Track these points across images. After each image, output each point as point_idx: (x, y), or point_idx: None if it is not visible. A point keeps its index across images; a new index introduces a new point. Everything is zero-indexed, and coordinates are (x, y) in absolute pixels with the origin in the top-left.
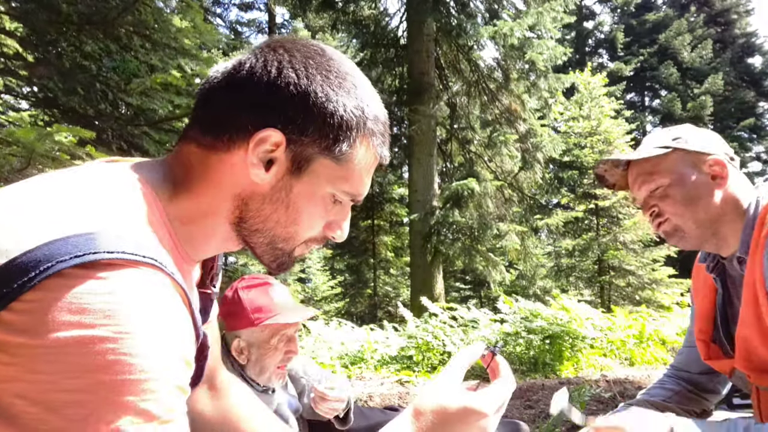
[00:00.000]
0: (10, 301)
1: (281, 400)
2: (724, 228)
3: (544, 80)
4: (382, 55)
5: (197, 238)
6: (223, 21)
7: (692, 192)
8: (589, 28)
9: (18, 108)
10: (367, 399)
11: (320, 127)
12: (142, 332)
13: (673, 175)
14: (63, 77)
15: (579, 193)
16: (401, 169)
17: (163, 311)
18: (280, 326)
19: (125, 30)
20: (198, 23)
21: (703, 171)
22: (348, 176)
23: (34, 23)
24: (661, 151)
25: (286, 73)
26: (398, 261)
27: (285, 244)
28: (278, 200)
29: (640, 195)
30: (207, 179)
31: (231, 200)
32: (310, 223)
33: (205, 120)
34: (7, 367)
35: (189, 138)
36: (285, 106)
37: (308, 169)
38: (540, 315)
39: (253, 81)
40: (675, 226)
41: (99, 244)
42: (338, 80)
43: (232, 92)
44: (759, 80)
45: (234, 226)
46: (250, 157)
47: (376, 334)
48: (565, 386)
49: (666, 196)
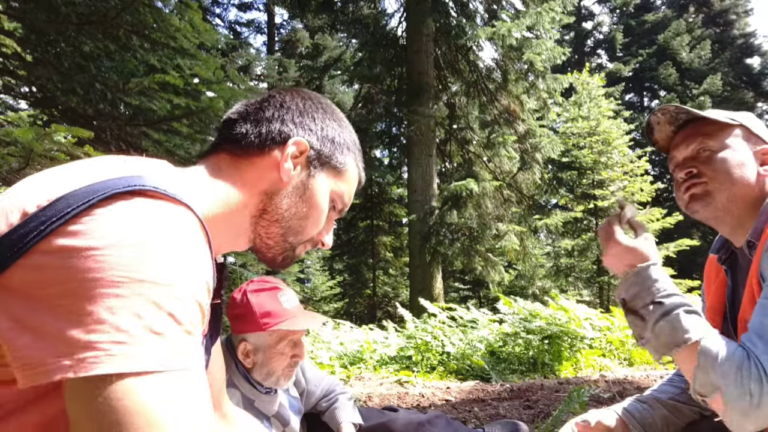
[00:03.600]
0: (74, 216)
1: (283, 401)
2: (750, 216)
3: (542, 81)
4: (381, 56)
5: (215, 233)
6: (222, 21)
7: (739, 168)
8: (588, 28)
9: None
10: (366, 399)
11: (328, 145)
12: (173, 249)
13: (728, 145)
14: (62, 77)
15: (578, 194)
16: (400, 169)
17: (193, 241)
18: (288, 331)
19: (124, 30)
20: (197, 23)
21: (757, 155)
22: (344, 184)
23: (33, 23)
24: (728, 120)
25: (308, 105)
26: (397, 261)
27: (295, 237)
28: (296, 195)
29: (684, 153)
30: (237, 179)
31: (258, 195)
32: (317, 220)
33: (238, 134)
34: (58, 272)
35: (219, 149)
36: (308, 125)
37: (319, 174)
38: (539, 315)
39: (287, 106)
40: (707, 191)
41: (146, 182)
42: (336, 116)
43: (273, 110)
44: (758, 81)
45: (255, 219)
46: (284, 158)
47: (375, 334)
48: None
49: (712, 161)
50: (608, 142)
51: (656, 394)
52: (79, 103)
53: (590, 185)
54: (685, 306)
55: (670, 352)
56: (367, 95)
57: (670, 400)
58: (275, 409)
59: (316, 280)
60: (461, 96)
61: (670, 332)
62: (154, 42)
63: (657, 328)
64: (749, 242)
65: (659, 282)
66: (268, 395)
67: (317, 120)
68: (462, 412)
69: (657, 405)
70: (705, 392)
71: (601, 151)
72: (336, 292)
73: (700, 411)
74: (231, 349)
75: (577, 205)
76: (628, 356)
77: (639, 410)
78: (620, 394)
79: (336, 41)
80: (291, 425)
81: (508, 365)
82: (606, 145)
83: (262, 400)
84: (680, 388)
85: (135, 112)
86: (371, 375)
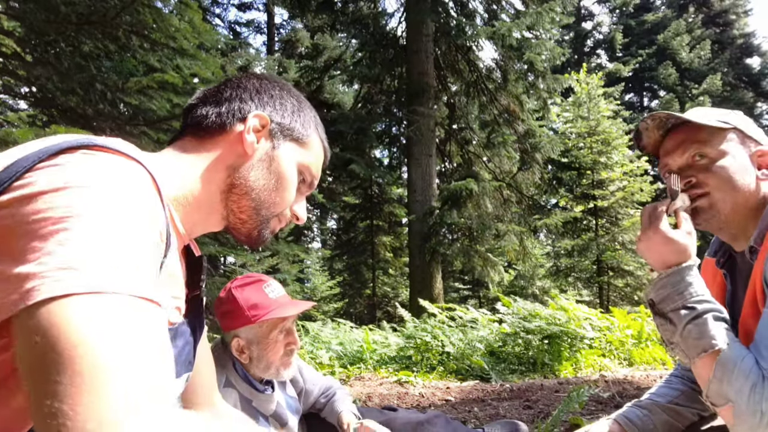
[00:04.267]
0: (24, 173)
1: (281, 400)
2: (752, 222)
3: (542, 81)
4: (381, 56)
5: (184, 213)
6: (221, 21)
7: (740, 175)
8: (588, 28)
9: (16, 108)
10: (366, 399)
11: (288, 117)
12: (121, 189)
13: (726, 152)
14: (61, 77)
15: (578, 194)
16: (400, 169)
17: (142, 187)
18: (278, 320)
19: (123, 30)
20: (196, 23)
21: (753, 159)
22: (309, 155)
23: (33, 23)
24: (720, 124)
25: (264, 83)
26: (397, 261)
27: (268, 210)
28: (263, 167)
29: (678, 161)
30: (202, 157)
31: (224, 170)
32: (287, 191)
33: (200, 116)
34: (10, 221)
35: (183, 135)
36: (267, 101)
37: (282, 146)
38: (539, 315)
39: (247, 86)
40: (712, 203)
41: (95, 141)
42: (293, 93)
43: (231, 92)
44: (757, 81)
45: (224, 194)
46: (246, 130)
47: (374, 334)
48: None
49: (712, 170)
50: (608, 142)
51: (654, 398)
52: (78, 103)
53: (590, 185)
54: (715, 312)
55: (696, 357)
56: (367, 95)
57: (669, 404)
58: (273, 408)
59: (315, 280)
60: (461, 96)
61: (697, 337)
62: (153, 42)
63: (685, 332)
64: (751, 248)
65: (693, 286)
66: (265, 395)
67: (275, 96)
68: (462, 412)
69: (656, 410)
70: (716, 402)
71: (601, 151)
72: (336, 292)
73: (699, 413)
74: (226, 349)
75: (576, 205)
76: (628, 356)
77: (639, 416)
78: (620, 394)
79: (336, 41)
80: (289, 425)
81: (507, 365)
82: (606, 145)
83: (260, 400)
84: (679, 390)
85: (135, 112)
86: (371, 375)
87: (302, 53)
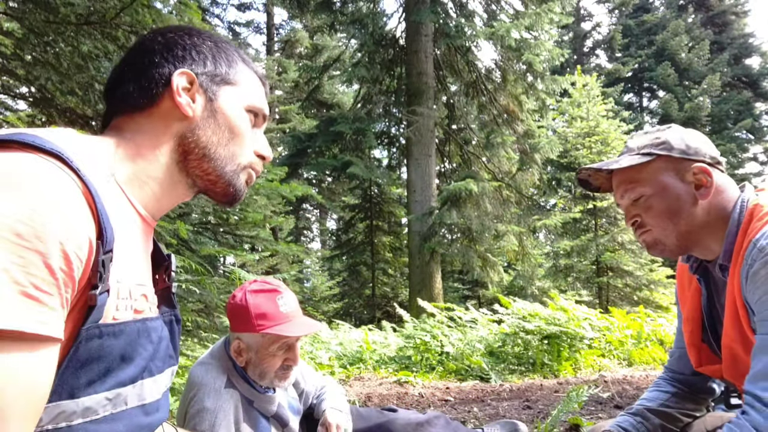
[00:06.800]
0: None
1: (282, 401)
2: (708, 237)
3: (541, 81)
4: (380, 56)
5: (141, 194)
6: (221, 21)
7: (675, 204)
8: (587, 29)
9: (15, 108)
10: (366, 399)
11: (210, 64)
12: (22, 197)
13: (655, 185)
14: (60, 77)
15: (577, 194)
16: (399, 169)
17: (50, 191)
18: (281, 335)
19: (123, 30)
20: (196, 23)
21: (686, 179)
22: (247, 92)
23: (32, 23)
24: (643, 159)
25: (170, 38)
26: (396, 261)
27: (231, 163)
28: (209, 124)
29: (623, 203)
30: (142, 134)
31: (171, 140)
32: (243, 138)
33: (123, 95)
34: None
35: (112, 117)
36: (182, 56)
37: (219, 96)
38: (538, 315)
39: (155, 48)
40: (656, 239)
41: (16, 137)
42: (203, 34)
43: (142, 59)
44: (756, 81)
45: (181, 164)
46: (177, 94)
47: (374, 334)
48: None
49: (649, 207)
50: (607, 142)
51: (645, 403)
52: (77, 104)
53: None
54: None
55: None
56: (366, 95)
57: (660, 407)
58: (274, 409)
59: (315, 280)
60: (460, 96)
61: None
62: None
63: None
64: (721, 265)
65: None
66: (266, 395)
67: (188, 46)
68: (461, 412)
69: (649, 416)
70: None
71: (601, 151)
72: (335, 292)
73: (690, 413)
74: (228, 346)
75: (576, 206)
76: (628, 356)
77: (633, 425)
78: (619, 394)
79: (335, 41)
80: (290, 426)
81: (507, 365)
82: (605, 146)
83: (261, 401)
84: (668, 393)
85: None
86: (371, 375)
87: (301, 53)
